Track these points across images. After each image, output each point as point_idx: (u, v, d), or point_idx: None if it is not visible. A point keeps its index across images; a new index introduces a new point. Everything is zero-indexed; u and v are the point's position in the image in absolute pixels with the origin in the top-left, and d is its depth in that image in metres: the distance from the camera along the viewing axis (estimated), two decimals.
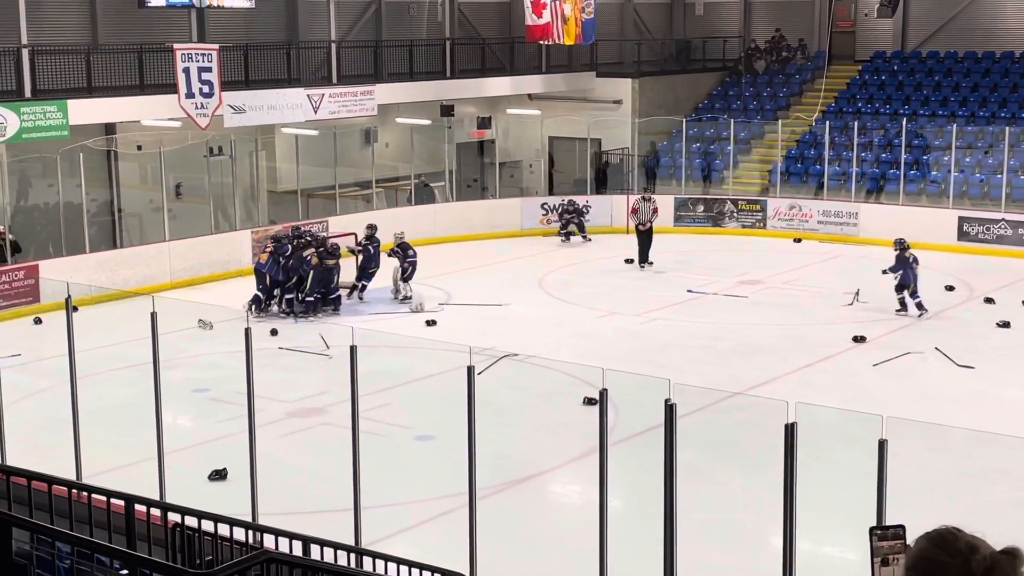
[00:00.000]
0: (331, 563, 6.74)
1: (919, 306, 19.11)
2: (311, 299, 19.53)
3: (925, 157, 27.46)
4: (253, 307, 19.02)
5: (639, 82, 29.94)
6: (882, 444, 6.60)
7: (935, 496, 11.61)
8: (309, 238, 20.61)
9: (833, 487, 11.25)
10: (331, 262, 19.61)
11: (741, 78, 32.32)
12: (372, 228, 20.98)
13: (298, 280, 19.57)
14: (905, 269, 19.22)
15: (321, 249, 19.87)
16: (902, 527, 2.68)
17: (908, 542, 2.64)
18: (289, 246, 20.07)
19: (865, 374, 16.11)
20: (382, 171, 26.97)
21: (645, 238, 23.53)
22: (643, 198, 24.35)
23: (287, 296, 19.64)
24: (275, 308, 19.51)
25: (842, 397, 14.66)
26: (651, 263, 23.34)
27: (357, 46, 26.88)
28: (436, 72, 27.83)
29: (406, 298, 20.38)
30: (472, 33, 29.99)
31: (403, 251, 20.66)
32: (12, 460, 10.20)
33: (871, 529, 2.64)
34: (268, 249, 20.07)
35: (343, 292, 20.29)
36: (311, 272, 19.50)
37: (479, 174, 30.50)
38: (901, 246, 19.50)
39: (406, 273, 20.59)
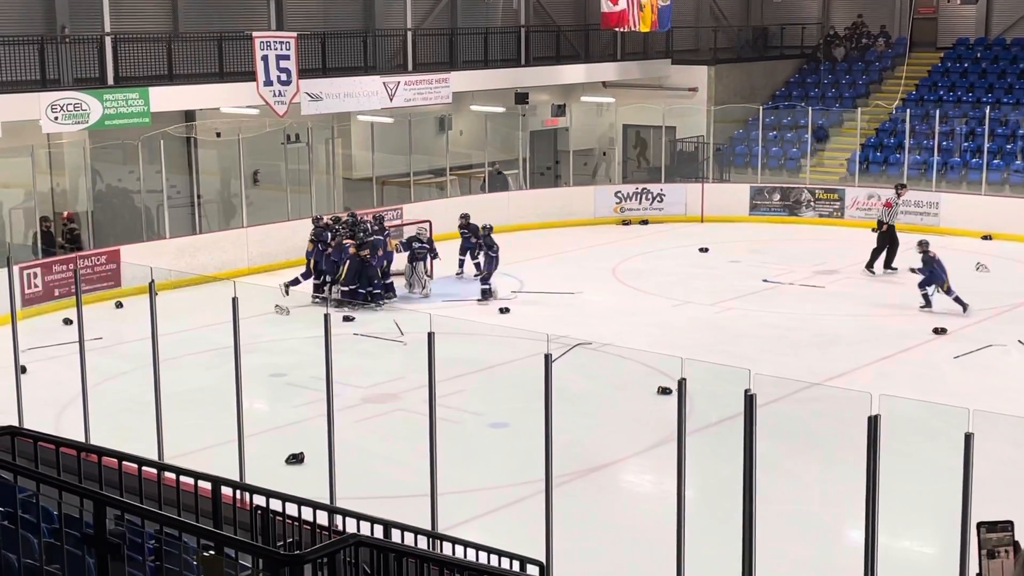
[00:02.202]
0: (417, 547, 6.78)
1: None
2: (346, 289, 19.31)
3: (1009, 146, 26.84)
4: (288, 287, 18.94)
5: (715, 69, 29.66)
6: (968, 438, 6.47)
7: (1017, 491, 11.37)
8: (351, 227, 20.31)
9: (912, 481, 11.07)
10: (364, 252, 19.33)
11: (819, 65, 31.84)
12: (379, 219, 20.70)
13: (343, 269, 19.50)
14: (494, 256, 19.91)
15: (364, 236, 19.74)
16: (1010, 523, 2.64)
17: (1017, 538, 2.60)
18: (328, 233, 20.08)
19: (945, 367, 15.82)
20: (456, 159, 27.04)
21: (891, 238, 21.51)
22: (898, 193, 22.32)
23: (323, 284, 19.58)
24: (328, 293, 19.52)
25: (922, 389, 14.40)
26: (895, 269, 21.19)
27: (433, 34, 26.96)
28: (511, 60, 27.84)
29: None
30: (547, 20, 29.92)
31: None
32: (95, 440, 10.41)
33: (979, 524, 2.62)
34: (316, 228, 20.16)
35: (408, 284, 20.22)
36: (347, 262, 19.38)
37: (552, 162, 30.45)
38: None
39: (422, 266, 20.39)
